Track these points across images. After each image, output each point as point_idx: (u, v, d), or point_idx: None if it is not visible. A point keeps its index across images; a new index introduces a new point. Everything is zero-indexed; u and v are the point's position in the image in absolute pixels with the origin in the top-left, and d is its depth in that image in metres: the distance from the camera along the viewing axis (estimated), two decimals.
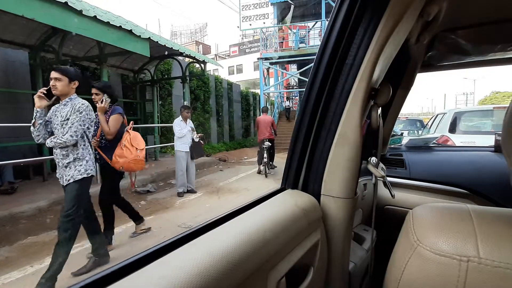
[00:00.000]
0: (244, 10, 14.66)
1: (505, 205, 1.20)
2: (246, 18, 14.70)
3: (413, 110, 71.49)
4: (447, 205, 0.52)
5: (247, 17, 14.70)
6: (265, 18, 14.22)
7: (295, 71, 15.47)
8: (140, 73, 8.48)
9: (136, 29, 4.99)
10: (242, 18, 14.42)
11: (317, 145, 0.80)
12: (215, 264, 0.43)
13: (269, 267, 0.55)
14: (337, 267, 0.80)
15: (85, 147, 2.38)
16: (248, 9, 14.72)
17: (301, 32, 12.64)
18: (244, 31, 15.42)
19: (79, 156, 2.31)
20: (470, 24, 0.97)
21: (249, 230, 0.54)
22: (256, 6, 14.50)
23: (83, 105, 2.31)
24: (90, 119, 2.37)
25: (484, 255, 0.40)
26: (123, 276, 0.39)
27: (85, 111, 2.31)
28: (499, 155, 1.36)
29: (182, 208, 4.46)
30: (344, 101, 0.74)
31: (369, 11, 0.69)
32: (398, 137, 1.95)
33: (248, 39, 28.49)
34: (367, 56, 0.70)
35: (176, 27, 30.64)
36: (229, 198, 5.06)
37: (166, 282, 0.38)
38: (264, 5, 14.20)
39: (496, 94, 30.99)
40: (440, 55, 1.24)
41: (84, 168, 2.34)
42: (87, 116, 2.34)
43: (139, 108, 8.66)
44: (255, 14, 14.74)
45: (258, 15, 14.68)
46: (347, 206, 0.76)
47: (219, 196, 5.18)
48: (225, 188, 5.76)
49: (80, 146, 2.34)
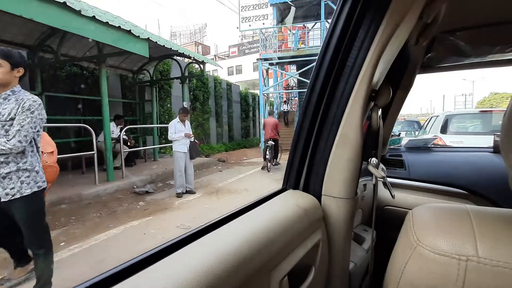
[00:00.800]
0: (244, 11, 14.67)
1: (503, 205, 1.20)
2: (245, 19, 14.70)
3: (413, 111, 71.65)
4: (446, 205, 0.53)
5: (247, 18, 14.71)
6: (264, 19, 14.24)
7: (294, 72, 15.47)
8: (139, 73, 8.41)
9: (135, 29, 4.95)
10: (242, 19, 14.42)
11: (318, 146, 0.80)
12: (220, 263, 0.44)
13: (272, 266, 0.56)
14: (338, 267, 0.81)
15: (34, 154, 1.92)
16: (248, 10, 14.73)
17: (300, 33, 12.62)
18: (243, 32, 15.44)
19: (27, 166, 1.85)
20: (469, 26, 0.98)
21: (252, 230, 0.55)
22: (256, 7, 14.52)
23: (35, 103, 1.84)
24: (42, 119, 1.91)
25: (483, 255, 0.40)
26: (130, 275, 0.40)
27: (37, 110, 1.85)
28: (498, 155, 1.37)
29: (180, 209, 4.45)
30: (345, 103, 0.75)
31: (370, 14, 0.70)
32: (397, 138, 1.96)
33: (248, 39, 28.52)
34: (368, 58, 0.71)
35: (176, 28, 30.65)
36: (229, 198, 5.05)
37: (172, 280, 0.39)
38: (264, 6, 14.21)
39: (494, 95, 31.07)
40: (440, 56, 1.25)
41: (34, 180, 1.89)
42: (39, 116, 1.87)
43: (138, 109, 8.59)
44: (255, 15, 14.75)
45: (258, 16, 14.70)
46: (348, 206, 0.77)
47: (218, 197, 5.17)
48: (225, 189, 5.76)
49: (28, 153, 1.87)
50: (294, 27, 12.80)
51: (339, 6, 0.73)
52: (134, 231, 3.53)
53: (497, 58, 1.24)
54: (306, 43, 12.59)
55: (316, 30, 13.33)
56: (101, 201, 4.69)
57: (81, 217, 3.88)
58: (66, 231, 3.43)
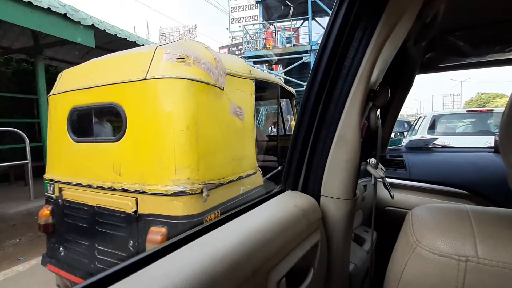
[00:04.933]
0: (234, 12, 14.69)
1: (504, 205, 1.21)
2: (235, 20, 14.73)
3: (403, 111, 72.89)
4: (445, 206, 0.53)
5: (237, 19, 14.74)
6: (254, 19, 14.27)
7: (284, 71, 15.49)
8: None
9: (75, 14, 4.23)
10: (232, 20, 14.43)
11: (316, 147, 0.80)
12: (217, 264, 0.43)
13: (270, 268, 0.55)
14: (337, 268, 0.80)
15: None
16: (238, 11, 14.76)
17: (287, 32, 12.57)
18: (233, 33, 15.44)
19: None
20: (468, 25, 0.99)
21: (250, 230, 0.55)
22: (246, 8, 14.56)
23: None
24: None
25: (483, 255, 0.41)
26: (127, 275, 0.40)
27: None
28: (499, 155, 1.38)
29: None
30: (343, 103, 0.74)
31: (367, 13, 0.70)
32: (398, 138, 1.98)
33: (238, 40, 28.54)
34: (366, 58, 0.70)
35: (165, 29, 30.32)
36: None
37: (169, 281, 0.38)
38: (253, 7, 14.27)
39: (481, 95, 31.89)
40: (439, 56, 1.25)
41: None
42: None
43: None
44: (244, 16, 14.80)
45: (247, 17, 14.74)
46: (347, 207, 0.77)
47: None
48: None
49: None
50: (280, 27, 12.77)
51: (336, 5, 0.73)
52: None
53: (497, 58, 1.26)
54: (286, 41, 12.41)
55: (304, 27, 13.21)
56: (32, 221, 3.76)
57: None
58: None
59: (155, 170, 1.59)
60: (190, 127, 1.55)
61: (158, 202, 1.56)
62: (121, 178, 1.69)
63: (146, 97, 1.62)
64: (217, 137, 1.78)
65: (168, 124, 1.55)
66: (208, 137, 1.67)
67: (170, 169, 1.54)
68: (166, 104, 1.57)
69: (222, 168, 1.81)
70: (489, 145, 1.61)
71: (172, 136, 1.54)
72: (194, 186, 1.56)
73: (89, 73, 1.94)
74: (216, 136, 1.77)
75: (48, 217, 2.03)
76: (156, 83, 1.58)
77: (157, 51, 1.65)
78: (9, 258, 2.90)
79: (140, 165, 1.65)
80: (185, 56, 1.61)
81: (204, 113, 1.64)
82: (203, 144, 1.62)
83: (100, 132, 2.15)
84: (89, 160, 1.90)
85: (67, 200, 1.95)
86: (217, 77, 1.74)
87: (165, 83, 1.56)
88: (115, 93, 1.72)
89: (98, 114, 2.01)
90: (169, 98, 1.57)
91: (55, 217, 2.04)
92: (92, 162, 1.87)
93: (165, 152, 1.55)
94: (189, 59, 1.61)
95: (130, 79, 1.65)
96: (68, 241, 1.97)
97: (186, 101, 1.57)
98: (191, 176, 1.55)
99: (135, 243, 1.62)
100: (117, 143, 1.72)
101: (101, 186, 1.76)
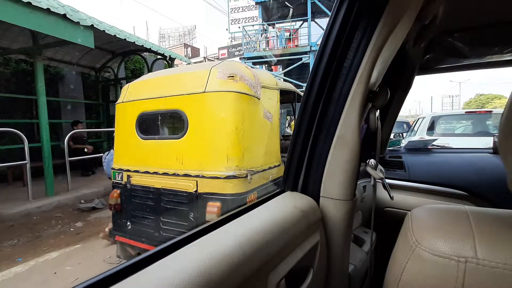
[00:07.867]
0: (233, 13, 14.70)
1: (503, 206, 1.21)
2: (235, 21, 14.74)
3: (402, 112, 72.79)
4: (445, 207, 0.53)
5: (236, 19, 14.75)
6: (253, 20, 14.27)
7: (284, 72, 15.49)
8: (102, 71, 7.55)
9: (74, 14, 4.17)
10: (231, 20, 14.44)
11: (316, 148, 0.80)
12: (216, 265, 0.43)
13: (269, 269, 0.55)
14: (337, 269, 0.80)
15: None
16: (237, 12, 14.77)
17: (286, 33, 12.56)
18: (233, 34, 15.45)
19: None
20: (467, 27, 0.99)
21: (249, 231, 0.54)
22: (245, 9, 14.57)
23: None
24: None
25: (482, 256, 0.41)
26: (124, 277, 0.39)
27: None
28: (498, 156, 1.38)
29: None
30: (343, 104, 0.74)
31: (367, 14, 0.70)
32: (397, 139, 1.98)
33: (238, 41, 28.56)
34: (365, 59, 0.70)
35: (165, 30, 30.28)
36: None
37: (167, 283, 0.38)
38: (253, 8, 14.27)
39: (480, 96, 31.89)
40: (438, 57, 1.25)
41: None
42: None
43: (102, 111, 7.66)
44: (244, 17, 14.80)
45: (247, 18, 14.74)
46: (346, 208, 0.77)
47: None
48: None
49: None
50: (279, 27, 12.77)
51: (335, 6, 0.73)
52: (45, 268, 2.71)
53: (496, 59, 1.26)
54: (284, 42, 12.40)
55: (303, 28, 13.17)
56: (31, 222, 3.82)
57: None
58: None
59: (211, 159, 2.11)
60: (238, 127, 2.07)
61: (214, 183, 2.07)
62: (184, 166, 2.21)
63: (204, 106, 2.14)
64: (255, 136, 2.30)
65: (222, 125, 2.07)
66: (249, 135, 2.18)
67: (224, 159, 2.06)
68: (220, 111, 2.09)
69: (258, 159, 2.33)
70: (488, 146, 1.60)
71: (225, 134, 2.06)
72: (241, 171, 2.08)
73: (156, 87, 2.46)
74: (254, 135, 2.29)
75: (117, 199, 2.56)
76: (213, 95, 2.11)
77: (212, 70, 2.16)
78: (7, 259, 2.91)
79: (199, 156, 2.17)
80: (233, 74, 2.13)
81: (247, 117, 2.16)
82: (246, 141, 2.13)
83: (162, 131, 2.64)
84: (155, 153, 2.41)
85: (135, 185, 2.47)
86: (256, 90, 2.27)
87: (219, 95, 2.09)
88: (179, 102, 2.24)
89: (162, 118, 2.54)
90: (223, 106, 2.09)
91: (123, 198, 2.56)
92: (158, 155, 2.39)
93: (220, 146, 2.07)
94: (236, 77, 2.13)
95: (192, 92, 2.17)
96: (135, 217, 2.49)
97: (235, 109, 2.09)
98: (239, 164, 2.07)
99: (196, 215, 2.15)
100: (180, 140, 2.23)
101: (166, 172, 2.28)
